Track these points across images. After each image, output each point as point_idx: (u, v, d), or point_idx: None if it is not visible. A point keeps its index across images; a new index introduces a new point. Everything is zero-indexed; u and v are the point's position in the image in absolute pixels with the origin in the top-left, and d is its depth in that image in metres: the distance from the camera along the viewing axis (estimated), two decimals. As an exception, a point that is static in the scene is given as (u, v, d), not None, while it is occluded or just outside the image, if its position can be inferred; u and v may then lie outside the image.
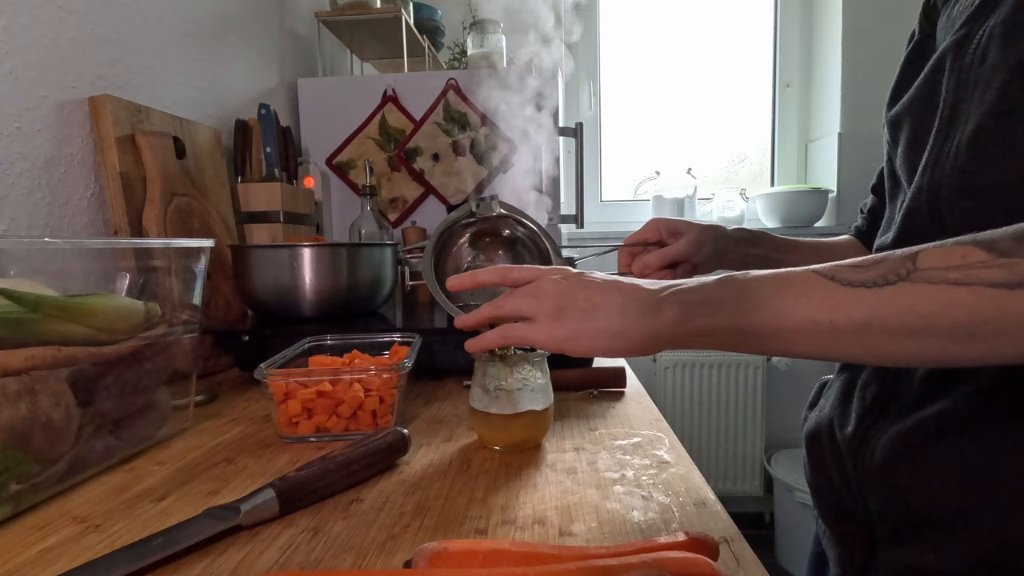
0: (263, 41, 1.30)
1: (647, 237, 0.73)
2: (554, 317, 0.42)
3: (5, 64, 0.68)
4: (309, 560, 0.37)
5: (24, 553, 0.39)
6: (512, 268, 0.47)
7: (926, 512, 0.42)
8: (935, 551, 0.41)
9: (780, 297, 0.36)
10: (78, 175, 0.78)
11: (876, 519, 0.45)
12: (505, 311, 0.45)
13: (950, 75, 0.44)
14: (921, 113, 0.47)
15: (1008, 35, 0.40)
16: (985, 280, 0.31)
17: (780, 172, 2.08)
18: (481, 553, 0.34)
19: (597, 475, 0.50)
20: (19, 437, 0.44)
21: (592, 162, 2.03)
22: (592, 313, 0.41)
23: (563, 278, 0.44)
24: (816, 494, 0.53)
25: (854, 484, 0.47)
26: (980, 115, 0.41)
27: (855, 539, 0.48)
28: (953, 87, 0.44)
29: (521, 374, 0.56)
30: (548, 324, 0.42)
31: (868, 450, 0.46)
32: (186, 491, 0.48)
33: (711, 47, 2.06)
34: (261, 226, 1.09)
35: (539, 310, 0.43)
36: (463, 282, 0.49)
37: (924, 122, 0.46)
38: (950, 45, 0.44)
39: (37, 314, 0.47)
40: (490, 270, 0.48)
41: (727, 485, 1.94)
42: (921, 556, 0.42)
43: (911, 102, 0.48)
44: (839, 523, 0.50)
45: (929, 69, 0.47)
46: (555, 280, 0.44)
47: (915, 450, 0.43)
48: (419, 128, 1.33)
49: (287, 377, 0.58)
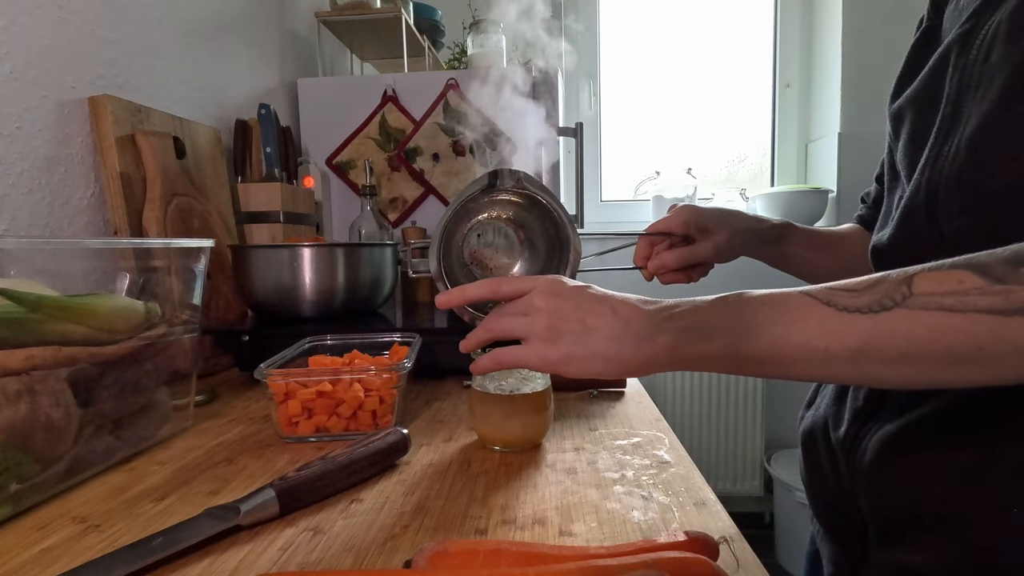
0: (263, 41, 1.30)
1: (672, 229, 0.67)
2: (546, 339, 0.41)
3: (5, 64, 0.68)
4: (309, 560, 0.37)
5: (24, 553, 0.39)
6: (502, 281, 0.46)
7: (915, 512, 0.42)
8: (924, 551, 0.42)
9: (775, 323, 0.36)
10: (78, 175, 0.78)
11: (867, 518, 0.46)
12: (497, 334, 0.44)
13: (953, 71, 0.43)
14: (923, 108, 0.46)
15: (1013, 31, 0.39)
16: (981, 307, 0.31)
17: (780, 172, 2.08)
18: (481, 553, 0.34)
19: (597, 475, 0.50)
20: (19, 437, 0.44)
21: (592, 162, 2.03)
22: (585, 336, 0.40)
23: (555, 294, 0.43)
24: (811, 492, 0.54)
25: (846, 483, 0.48)
26: (981, 115, 0.40)
27: (848, 538, 0.48)
28: (956, 84, 0.43)
29: (521, 374, 0.56)
30: (540, 346, 0.41)
31: (860, 450, 0.46)
32: (186, 491, 0.48)
33: (711, 47, 2.06)
34: (261, 226, 1.09)
35: (531, 331, 0.42)
36: (452, 299, 0.47)
37: (926, 118, 0.45)
38: (955, 39, 0.43)
39: (37, 314, 0.47)
40: (479, 284, 0.46)
41: (727, 485, 1.94)
42: (911, 556, 0.43)
43: (914, 96, 0.48)
44: (832, 521, 0.51)
45: (933, 63, 0.46)
46: (547, 295, 0.43)
47: (904, 451, 0.43)
48: (419, 128, 1.33)
49: (287, 377, 0.58)
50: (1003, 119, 0.39)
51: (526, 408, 0.55)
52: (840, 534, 0.50)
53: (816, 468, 0.52)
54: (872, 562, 0.46)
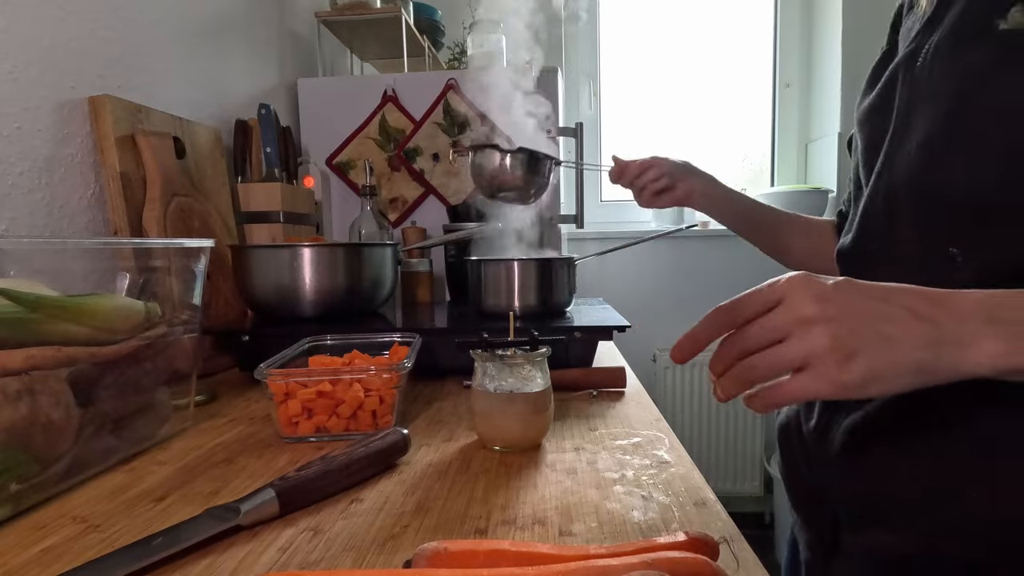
0: (263, 41, 1.30)
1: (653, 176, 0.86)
2: (836, 359, 0.33)
3: (5, 64, 0.68)
4: (309, 560, 0.37)
5: (24, 553, 0.39)
6: (735, 305, 0.36)
7: (878, 497, 0.45)
8: (888, 533, 0.44)
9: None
10: (78, 175, 0.78)
11: (837, 504, 0.49)
12: (760, 374, 0.35)
13: (903, 87, 0.47)
14: (877, 120, 0.49)
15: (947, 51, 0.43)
16: None
17: (780, 172, 2.08)
18: (481, 553, 0.34)
19: (597, 475, 0.50)
20: (19, 437, 0.44)
21: (592, 162, 2.03)
22: (887, 349, 0.33)
23: (824, 298, 0.34)
24: (787, 482, 0.57)
25: (817, 472, 0.51)
26: (929, 124, 0.43)
27: (821, 524, 0.51)
28: (906, 97, 0.46)
29: (521, 374, 0.56)
30: (831, 370, 0.33)
31: (828, 440, 0.49)
32: (186, 491, 0.48)
33: (711, 47, 2.06)
34: (261, 226, 1.09)
35: (810, 353, 0.33)
36: (684, 351, 0.38)
37: (879, 129, 0.48)
38: (903, 57, 0.47)
39: (37, 314, 0.47)
40: (706, 322, 0.38)
41: (727, 485, 1.94)
42: (876, 537, 0.45)
43: (869, 108, 0.51)
44: (807, 509, 0.54)
45: (886, 79, 0.49)
46: (815, 301, 0.34)
47: (866, 439, 0.46)
48: (419, 128, 1.33)
49: (287, 377, 0.58)
50: (950, 125, 0.42)
51: (526, 408, 0.55)
52: (814, 521, 0.53)
53: (791, 459, 0.55)
54: (843, 546, 0.49)
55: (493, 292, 0.89)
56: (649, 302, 1.97)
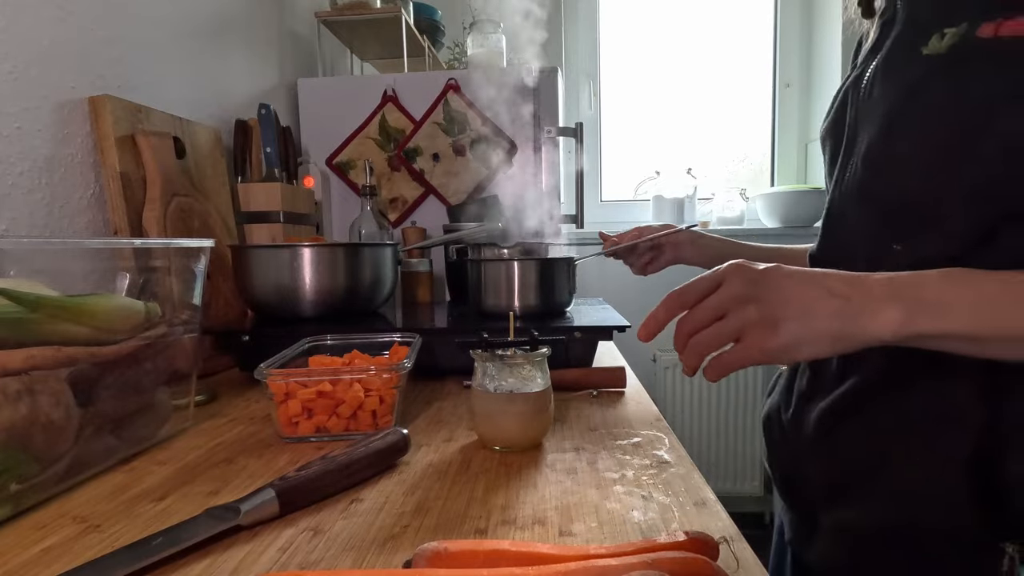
0: (263, 41, 1.30)
1: None
2: (765, 328, 0.39)
3: (5, 64, 0.68)
4: (309, 560, 0.37)
5: (24, 553, 0.39)
6: (683, 291, 0.43)
7: (847, 475, 0.50)
8: (856, 508, 0.49)
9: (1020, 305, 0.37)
10: (78, 175, 0.78)
11: (815, 485, 0.53)
12: (706, 346, 0.41)
13: (851, 107, 0.52)
14: (834, 136, 0.55)
15: (883, 74, 0.48)
16: None
17: (780, 172, 2.08)
18: (481, 553, 0.34)
19: (597, 475, 0.50)
20: (19, 437, 0.44)
21: (592, 162, 2.03)
22: (807, 319, 0.39)
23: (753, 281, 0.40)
24: (771, 469, 0.62)
25: (795, 457, 0.56)
26: (870, 139, 0.49)
27: (802, 505, 0.56)
28: (853, 116, 0.52)
29: (521, 374, 0.56)
30: (760, 338, 0.39)
31: (802, 427, 0.54)
32: (186, 491, 0.48)
33: (711, 47, 2.06)
34: (261, 226, 1.09)
35: (743, 325, 0.40)
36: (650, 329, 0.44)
37: (836, 144, 0.55)
38: (851, 81, 0.53)
39: (37, 314, 0.47)
40: (663, 305, 0.44)
41: (727, 485, 1.94)
42: (846, 513, 0.50)
43: (828, 127, 0.57)
44: (788, 493, 0.59)
45: (839, 100, 0.55)
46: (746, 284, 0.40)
47: (835, 422, 0.51)
48: (419, 128, 1.33)
49: (287, 377, 0.58)
50: (884, 140, 0.47)
51: (526, 408, 0.55)
52: (796, 503, 0.57)
53: (774, 447, 0.61)
54: (821, 525, 0.53)
55: (493, 292, 0.89)
56: (649, 302, 1.96)
